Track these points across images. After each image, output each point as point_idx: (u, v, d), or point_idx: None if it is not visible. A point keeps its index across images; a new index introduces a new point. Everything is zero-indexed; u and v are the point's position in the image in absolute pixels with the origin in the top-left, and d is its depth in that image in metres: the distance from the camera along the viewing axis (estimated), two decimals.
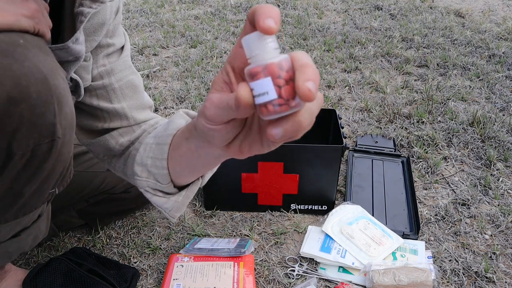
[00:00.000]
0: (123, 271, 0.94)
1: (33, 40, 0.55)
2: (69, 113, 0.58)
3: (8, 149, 0.54)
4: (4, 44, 0.52)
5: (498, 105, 1.68)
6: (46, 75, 0.53)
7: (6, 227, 0.67)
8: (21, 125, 0.53)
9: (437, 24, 2.56)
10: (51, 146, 0.57)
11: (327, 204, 1.14)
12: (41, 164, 0.58)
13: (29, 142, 0.54)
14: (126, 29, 2.49)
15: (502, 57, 2.10)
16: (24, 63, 0.52)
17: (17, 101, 0.51)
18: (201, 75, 1.90)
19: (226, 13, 2.76)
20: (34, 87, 0.52)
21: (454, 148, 1.42)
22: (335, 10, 2.85)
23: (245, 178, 1.09)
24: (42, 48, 0.56)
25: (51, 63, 0.56)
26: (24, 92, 0.51)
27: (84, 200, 1.03)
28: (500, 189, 1.24)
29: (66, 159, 0.62)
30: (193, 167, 0.63)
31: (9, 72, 0.50)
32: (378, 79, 1.87)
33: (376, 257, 0.98)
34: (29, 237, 0.74)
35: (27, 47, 0.53)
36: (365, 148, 1.38)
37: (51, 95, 0.54)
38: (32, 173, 0.59)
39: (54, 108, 0.54)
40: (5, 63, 0.50)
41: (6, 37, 0.52)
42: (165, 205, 0.70)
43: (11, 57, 0.51)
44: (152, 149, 0.68)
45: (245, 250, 0.96)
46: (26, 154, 0.56)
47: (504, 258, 1.02)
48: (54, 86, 0.54)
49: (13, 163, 0.56)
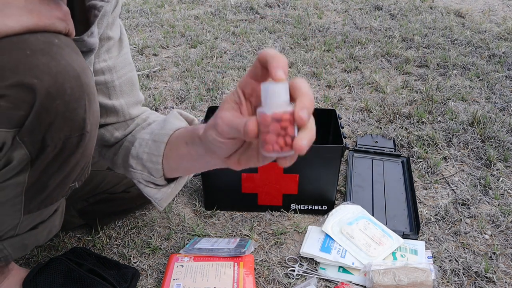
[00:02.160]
0: (123, 271, 0.94)
1: (66, 40, 0.60)
2: (96, 110, 0.64)
3: (43, 141, 0.58)
4: (42, 43, 0.56)
5: (498, 105, 1.68)
6: (79, 73, 0.58)
7: (28, 218, 0.70)
8: (56, 118, 0.57)
9: (437, 24, 2.56)
10: (80, 139, 0.62)
11: (327, 204, 1.14)
12: (69, 157, 0.63)
13: (61, 135, 0.59)
14: (126, 29, 2.49)
15: (502, 57, 2.11)
16: (60, 61, 0.57)
17: (54, 97, 0.56)
18: (201, 75, 1.90)
19: (226, 13, 2.76)
20: (68, 83, 0.57)
21: (454, 148, 1.42)
22: (335, 10, 2.85)
23: (245, 178, 1.09)
24: (74, 48, 0.61)
25: (82, 62, 0.61)
26: (60, 88, 0.56)
27: (84, 200, 1.03)
28: (500, 189, 1.24)
29: (90, 153, 0.67)
30: (188, 168, 0.70)
31: (47, 69, 0.55)
32: (378, 79, 1.87)
33: (376, 257, 0.98)
34: (45, 231, 0.77)
35: (61, 46, 0.58)
36: (365, 148, 1.38)
37: (83, 92, 0.59)
38: (59, 166, 0.63)
39: (85, 104, 0.59)
40: (44, 61, 0.55)
41: (43, 37, 0.57)
42: (155, 196, 0.77)
43: (48, 55, 0.56)
44: (148, 145, 0.74)
45: (245, 250, 0.96)
46: (58, 146, 0.60)
47: (504, 258, 1.02)
48: (85, 84, 0.59)
49: (45, 154, 0.60)
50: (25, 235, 0.73)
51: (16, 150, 0.58)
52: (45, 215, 0.74)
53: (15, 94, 0.54)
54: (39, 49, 0.56)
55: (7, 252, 0.74)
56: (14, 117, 0.56)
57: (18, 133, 0.57)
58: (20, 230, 0.71)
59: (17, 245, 0.74)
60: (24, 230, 0.72)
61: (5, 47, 0.54)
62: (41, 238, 0.78)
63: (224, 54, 2.15)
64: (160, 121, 0.77)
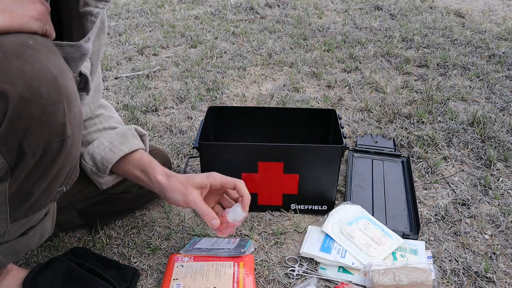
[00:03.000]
0: (123, 271, 0.93)
1: (42, 41, 0.57)
2: (78, 113, 0.61)
3: (20, 149, 0.56)
4: (15, 45, 0.53)
5: (498, 105, 1.68)
6: (56, 76, 0.55)
7: (15, 226, 0.68)
8: (32, 124, 0.54)
9: (437, 24, 2.56)
10: (61, 145, 0.59)
11: (327, 204, 1.14)
12: (51, 163, 0.60)
13: (40, 141, 0.56)
14: (126, 29, 2.49)
15: (502, 57, 2.11)
16: (34, 64, 0.54)
17: (28, 101, 0.53)
18: (201, 75, 1.91)
19: (226, 13, 2.76)
20: (44, 87, 0.54)
21: (454, 148, 1.42)
22: (335, 10, 2.85)
23: (245, 178, 1.09)
24: (51, 49, 0.58)
25: (60, 63, 0.58)
26: (35, 92, 0.53)
27: (84, 200, 1.03)
28: (500, 189, 1.24)
29: (75, 157, 0.65)
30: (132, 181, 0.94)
31: (20, 73, 0.52)
32: (378, 79, 1.87)
33: (376, 257, 0.98)
34: (36, 235, 0.76)
35: (37, 48, 0.55)
36: (365, 148, 1.38)
37: (61, 95, 0.56)
38: (42, 172, 0.61)
39: (64, 108, 0.57)
40: (17, 64, 0.52)
41: (16, 38, 0.54)
42: (99, 180, 0.94)
43: (22, 58, 0.53)
44: (105, 151, 0.89)
45: (245, 250, 0.96)
46: (37, 153, 0.57)
47: (504, 258, 1.02)
48: (63, 87, 0.56)
49: (24, 162, 0.57)
50: (15, 242, 0.72)
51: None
52: (35, 220, 0.73)
53: None
54: (12, 51, 0.53)
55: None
56: None
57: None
58: (8, 237, 0.70)
59: (7, 252, 0.73)
60: (13, 237, 0.71)
61: None
62: (33, 243, 0.76)
63: (224, 54, 2.15)
64: (119, 133, 0.92)
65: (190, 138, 1.46)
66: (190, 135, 1.48)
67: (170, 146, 1.41)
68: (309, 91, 1.80)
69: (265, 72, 1.96)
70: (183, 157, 1.38)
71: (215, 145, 1.08)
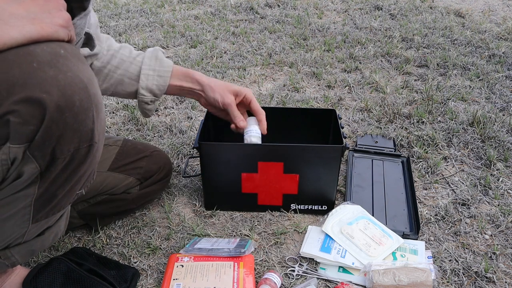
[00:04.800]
0: (123, 271, 0.93)
1: (71, 49, 0.60)
2: (103, 119, 0.64)
3: (52, 154, 0.59)
4: (48, 54, 0.56)
5: (498, 105, 1.68)
6: (87, 84, 0.58)
7: (35, 226, 0.70)
8: (66, 131, 0.57)
9: (437, 24, 2.56)
10: (88, 150, 0.62)
11: (327, 204, 1.14)
12: (77, 167, 0.63)
13: (71, 147, 0.59)
14: (126, 29, 2.49)
15: (502, 57, 2.11)
16: (67, 73, 0.56)
17: (63, 110, 0.56)
18: None
19: (226, 13, 2.76)
20: (77, 95, 0.57)
21: (454, 148, 1.42)
22: (335, 10, 2.85)
23: (245, 178, 1.09)
24: (79, 58, 0.61)
25: (88, 72, 0.61)
26: (69, 101, 0.56)
27: (85, 201, 1.03)
28: (500, 189, 1.24)
29: (97, 162, 0.68)
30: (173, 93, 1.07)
31: (55, 82, 0.55)
32: (378, 79, 1.87)
33: (376, 257, 0.98)
34: (51, 235, 0.77)
35: (67, 57, 0.58)
36: (365, 148, 1.38)
37: (91, 103, 0.59)
38: (68, 176, 0.63)
39: (93, 115, 0.60)
40: (51, 73, 0.55)
41: (48, 47, 0.57)
42: (152, 108, 1.04)
43: (55, 67, 0.56)
44: (155, 79, 1.01)
45: (245, 250, 0.96)
46: (67, 158, 0.60)
47: (504, 258, 1.02)
48: (93, 94, 0.59)
49: (54, 166, 0.60)
50: (32, 242, 0.74)
51: (27, 164, 0.59)
52: (52, 221, 0.74)
53: (24, 109, 0.54)
54: (46, 61, 0.55)
55: (14, 259, 0.74)
56: (24, 132, 0.56)
57: (28, 147, 0.57)
58: (27, 237, 0.72)
59: (24, 252, 0.75)
60: (31, 237, 0.73)
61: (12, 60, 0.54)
62: (47, 242, 0.78)
63: (224, 54, 2.15)
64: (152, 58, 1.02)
65: (190, 138, 1.46)
66: (190, 135, 1.48)
67: (170, 146, 1.41)
68: (309, 91, 1.80)
69: (265, 72, 1.96)
70: (183, 157, 1.38)
71: (215, 145, 1.08)
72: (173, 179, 1.27)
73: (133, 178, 1.06)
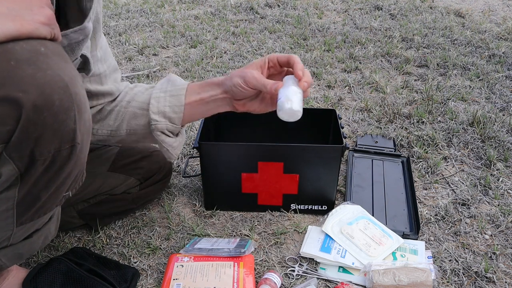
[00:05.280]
0: (123, 271, 0.94)
1: (53, 47, 0.57)
2: (87, 119, 0.61)
3: (31, 156, 0.56)
4: (27, 52, 0.53)
5: (498, 105, 1.68)
6: (68, 83, 0.56)
7: (21, 229, 0.68)
8: (44, 132, 0.55)
9: (437, 24, 2.56)
10: (71, 151, 0.59)
11: (327, 204, 1.14)
12: (60, 169, 0.61)
13: (51, 148, 0.57)
14: (126, 29, 2.49)
15: (502, 57, 2.11)
16: (46, 71, 0.54)
17: (41, 109, 0.53)
18: (201, 75, 1.91)
19: (226, 13, 2.76)
20: (57, 95, 0.54)
21: (454, 148, 1.42)
22: (335, 10, 2.85)
23: (245, 178, 1.09)
24: (62, 55, 0.58)
25: (70, 70, 0.58)
26: (48, 100, 0.53)
27: (85, 201, 1.03)
28: (500, 189, 1.24)
29: (83, 163, 0.65)
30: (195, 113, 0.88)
31: (33, 81, 0.52)
32: (378, 79, 1.87)
33: (376, 257, 0.98)
34: (40, 239, 0.76)
35: (48, 55, 0.55)
36: (365, 148, 1.38)
37: (72, 103, 0.56)
38: (50, 178, 0.61)
39: (74, 115, 0.57)
40: (30, 72, 0.52)
41: (28, 45, 0.54)
42: (174, 144, 0.88)
43: (34, 65, 0.53)
44: (167, 100, 0.86)
45: (245, 250, 0.96)
46: (47, 160, 0.58)
47: (504, 258, 1.02)
48: (74, 94, 0.57)
49: (34, 168, 0.58)
50: (19, 245, 0.72)
51: (4, 166, 0.56)
52: (40, 224, 0.73)
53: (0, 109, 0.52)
54: (25, 59, 0.53)
55: (1, 262, 0.73)
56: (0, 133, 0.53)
57: (5, 148, 0.55)
58: (13, 240, 0.70)
59: (11, 255, 0.73)
60: (18, 240, 0.71)
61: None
62: (37, 246, 0.77)
63: (224, 54, 2.15)
64: (163, 83, 0.89)
65: (190, 138, 1.46)
66: (190, 135, 1.48)
67: None
68: (309, 91, 1.80)
69: None
70: (183, 157, 1.38)
71: (215, 145, 1.08)
72: (173, 179, 1.27)
73: (133, 178, 1.06)
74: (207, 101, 0.86)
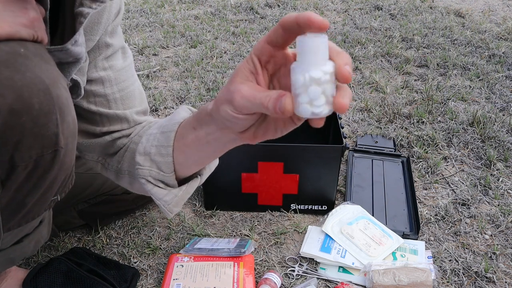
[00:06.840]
0: (123, 271, 0.94)
1: (34, 48, 0.54)
2: (71, 122, 0.58)
3: (11, 161, 0.53)
4: (5, 54, 0.51)
5: (498, 105, 1.68)
6: (48, 85, 0.53)
7: (9, 235, 0.67)
8: (24, 136, 0.52)
9: (437, 24, 2.56)
10: (54, 156, 0.56)
11: (327, 204, 1.14)
12: (44, 174, 0.58)
13: (32, 153, 0.54)
14: (126, 29, 2.49)
15: (502, 57, 2.11)
16: (25, 73, 0.51)
17: (19, 113, 0.50)
18: (201, 75, 1.90)
19: (226, 13, 2.76)
20: (36, 98, 0.51)
21: (454, 148, 1.42)
22: (335, 10, 2.85)
23: (245, 178, 1.09)
24: (43, 57, 0.55)
25: (52, 72, 0.55)
26: (26, 103, 0.51)
27: (85, 201, 1.03)
28: (500, 189, 1.24)
29: (69, 167, 0.62)
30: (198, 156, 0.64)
31: (11, 83, 0.50)
32: (378, 79, 1.87)
33: (376, 257, 0.98)
34: (31, 243, 0.74)
35: (28, 56, 0.52)
36: (365, 148, 1.38)
37: (53, 105, 0.53)
38: (35, 183, 0.59)
39: (56, 118, 0.54)
40: (7, 74, 0.50)
41: (7, 46, 0.51)
42: (165, 198, 0.68)
43: (12, 67, 0.50)
44: (157, 138, 0.67)
45: (245, 250, 0.96)
46: (29, 165, 0.55)
47: (504, 258, 1.02)
48: (56, 96, 0.54)
49: (16, 174, 0.55)
50: (9, 250, 0.71)
51: None
52: (30, 228, 0.71)
53: None
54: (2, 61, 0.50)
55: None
56: None
57: None
58: (2, 246, 0.68)
59: (2, 260, 0.72)
60: (7, 245, 0.70)
61: None
62: (28, 250, 0.75)
63: (224, 54, 2.15)
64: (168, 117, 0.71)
65: None
66: None
67: None
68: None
69: None
70: None
71: None
72: None
73: None
74: (207, 141, 0.60)
